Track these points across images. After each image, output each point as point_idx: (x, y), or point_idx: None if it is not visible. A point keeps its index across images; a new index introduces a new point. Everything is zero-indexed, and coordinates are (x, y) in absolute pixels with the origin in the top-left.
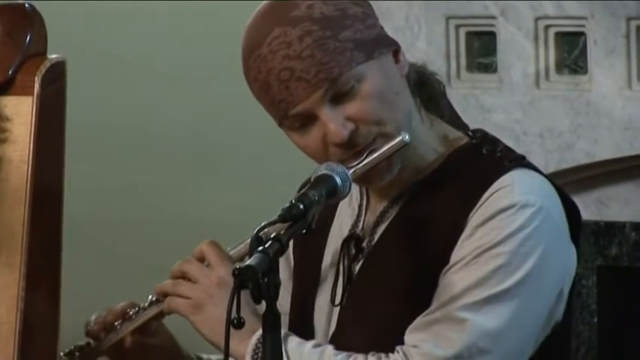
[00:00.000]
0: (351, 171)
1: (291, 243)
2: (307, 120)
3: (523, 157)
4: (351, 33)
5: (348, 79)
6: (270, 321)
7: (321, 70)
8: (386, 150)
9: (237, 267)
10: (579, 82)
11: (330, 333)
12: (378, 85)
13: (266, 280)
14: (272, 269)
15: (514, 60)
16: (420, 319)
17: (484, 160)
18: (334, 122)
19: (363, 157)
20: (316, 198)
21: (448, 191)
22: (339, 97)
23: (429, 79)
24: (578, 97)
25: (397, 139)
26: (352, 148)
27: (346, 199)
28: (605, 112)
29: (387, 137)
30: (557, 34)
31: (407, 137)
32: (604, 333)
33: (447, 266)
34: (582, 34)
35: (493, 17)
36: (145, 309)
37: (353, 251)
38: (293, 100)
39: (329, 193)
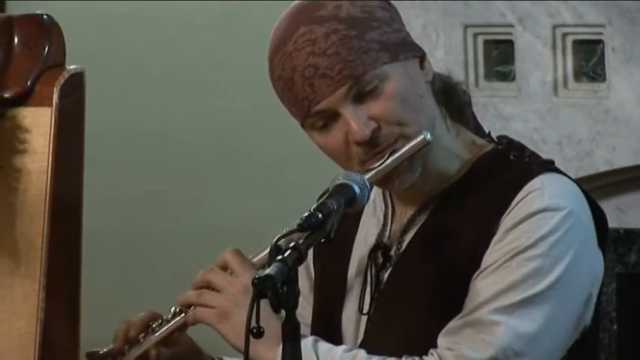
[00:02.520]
0: (372, 172)
1: (311, 256)
2: (330, 118)
3: (551, 162)
4: (377, 34)
5: (372, 78)
6: (290, 330)
7: (345, 68)
8: (408, 149)
9: (256, 277)
10: (597, 90)
11: (359, 342)
12: (402, 86)
13: (285, 289)
14: (291, 278)
15: (532, 68)
16: (452, 323)
17: (512, 165)
18: (356, 120)
19: (384, 159)
20: (335, 207)
21: (477, 197)
22: (362, 95)
23: (455, 88)
24: (597, 105)
25: (419, 138)
26: (373, 147)
27: (370, 209)
28: (623, 120)
29: (409, 139)
30: (575, 42)
31: (429, 136)
32: (624, 340)
33: (479, 270)
34: (600, 41)
35: (511, 25)
36: (167, 321)
37: (380, 260)
38: (316, 97)
39: (347, 202)
